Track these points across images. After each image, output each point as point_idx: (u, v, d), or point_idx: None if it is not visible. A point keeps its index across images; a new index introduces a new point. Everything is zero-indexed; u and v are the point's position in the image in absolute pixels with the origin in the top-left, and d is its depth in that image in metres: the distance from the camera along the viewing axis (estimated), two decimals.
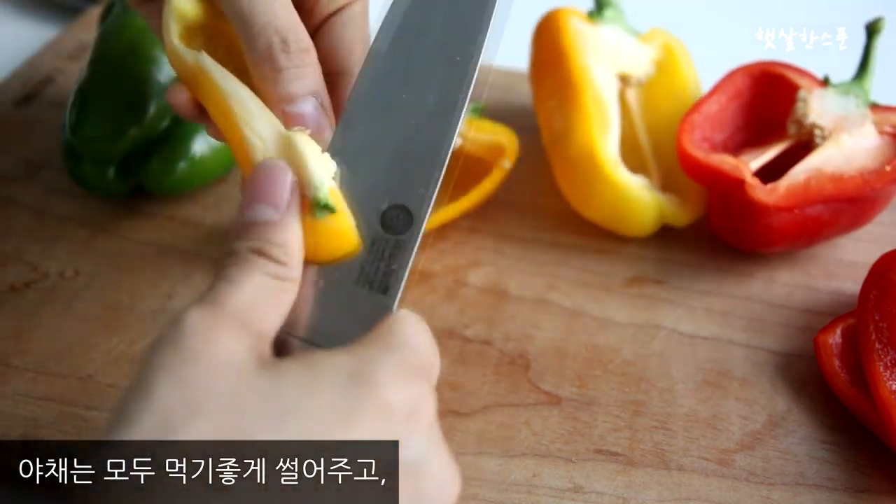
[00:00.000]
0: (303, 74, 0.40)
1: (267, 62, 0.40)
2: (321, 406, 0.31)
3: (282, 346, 0.36)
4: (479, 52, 0.41)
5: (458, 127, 0.40)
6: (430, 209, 0.39)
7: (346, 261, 0.39)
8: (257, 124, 0.39)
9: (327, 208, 0.37)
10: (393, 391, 0.32)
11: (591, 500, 0.46)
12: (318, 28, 0.45)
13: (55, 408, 0.50)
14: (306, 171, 0.38)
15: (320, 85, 0.41)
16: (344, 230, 0.38)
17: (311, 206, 0.37)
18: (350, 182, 0.39)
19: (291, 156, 0.38)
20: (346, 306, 0.38)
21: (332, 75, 0.44)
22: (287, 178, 0.37)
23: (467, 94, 0.40)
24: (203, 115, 0.43)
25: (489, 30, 0.41)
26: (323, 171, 0.38)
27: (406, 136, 0.40)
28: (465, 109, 0.40)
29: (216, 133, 0.43)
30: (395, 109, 0.40)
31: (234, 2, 0.40)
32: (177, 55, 0.42)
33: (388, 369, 0.33)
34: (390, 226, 0.39)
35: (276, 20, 0.40)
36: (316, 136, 0.40)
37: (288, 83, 0.40)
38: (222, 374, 0.31)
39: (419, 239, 0.39)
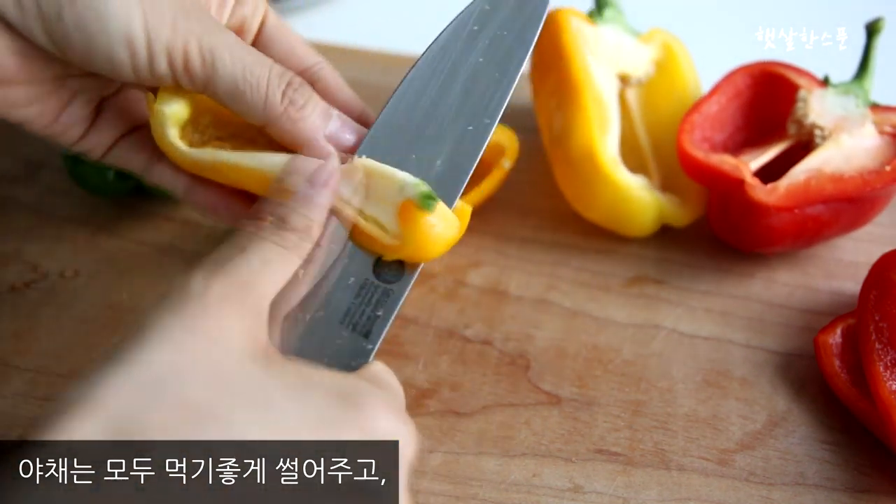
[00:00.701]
0: (315, 104, 0.41)
1: (287, 119, 0.40)
2: (307, 410, 0.31)
3: None
4: (492, 126, 0.42)
5: (460, 191, 0.41)
6: (422, 264, 0.40)
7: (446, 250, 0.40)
8: None
9: (434, 197, 0.38)
10: (380, 419, 0.33)
11: (591, 500, 0.47)
12: (258, 35, 0.46)
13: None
14: (395, 177, 0.39)
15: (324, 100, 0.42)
16: (449, 214, 0.40)
17: (420, 203, 0.38)
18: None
19: (368, 177, 0.39)
20: (326, 343, 0.39)
21: (309, 69, 0.46)
22: (333, 163, 0.39)
23: (473, 163, 0.42)
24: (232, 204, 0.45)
25: (504, 105, 0.43)
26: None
27: None
28: (468, 174, 0.42)
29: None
30: (404, 166, 0.41)
31: (229, 90, 0.40)
32: (189, 159, 0.42)
33: (378, 401, 0.34)
34: (382, 274, 0.40)
35: (268, 77, 0.40)
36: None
37: (313, 120, 0.41)
38: (218, 351, 0.31)
39: (407, 291, 0.40)
